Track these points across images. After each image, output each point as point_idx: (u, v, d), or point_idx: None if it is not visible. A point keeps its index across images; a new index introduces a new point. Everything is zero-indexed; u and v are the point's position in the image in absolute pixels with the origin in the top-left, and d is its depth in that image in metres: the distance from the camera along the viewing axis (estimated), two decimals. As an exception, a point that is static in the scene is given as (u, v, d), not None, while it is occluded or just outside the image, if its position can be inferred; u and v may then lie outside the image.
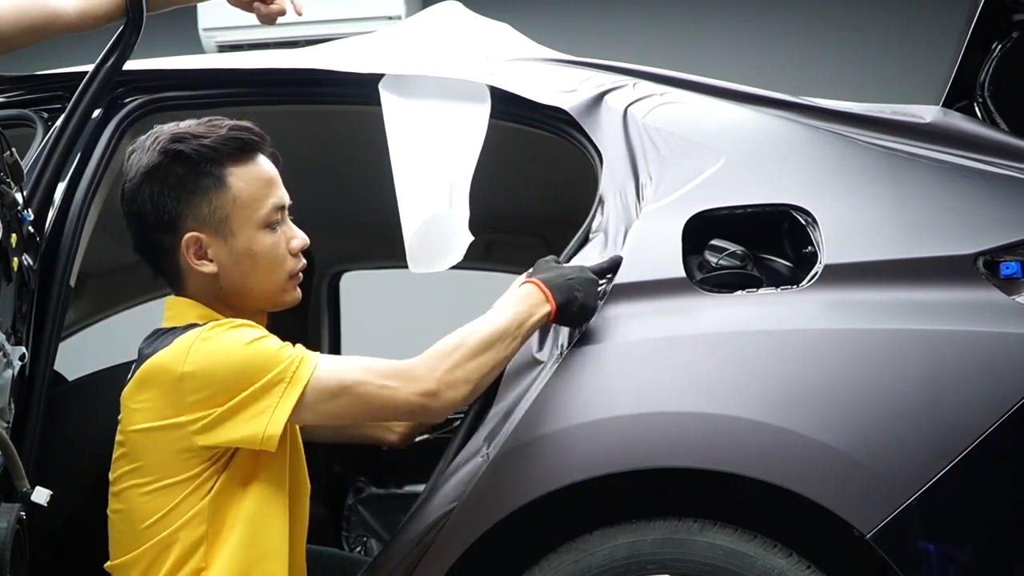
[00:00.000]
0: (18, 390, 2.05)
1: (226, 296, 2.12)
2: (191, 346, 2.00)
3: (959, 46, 2.33)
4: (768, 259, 2.25)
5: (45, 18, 2.23)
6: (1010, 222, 2.15)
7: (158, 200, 2.09)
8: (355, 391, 2.02)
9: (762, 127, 2.34)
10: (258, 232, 2.11)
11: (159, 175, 2.09)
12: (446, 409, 2.04)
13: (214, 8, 2.80)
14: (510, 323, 2.08)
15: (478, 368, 2.04)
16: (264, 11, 2.36)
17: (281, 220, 2.14)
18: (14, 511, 1.87)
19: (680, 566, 2.05)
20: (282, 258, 2.13)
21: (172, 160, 2.09)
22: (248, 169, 2.12)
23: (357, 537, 3.54)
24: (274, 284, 2.14)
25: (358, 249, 3.61)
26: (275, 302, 2.16)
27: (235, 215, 2.10)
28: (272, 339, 2.04)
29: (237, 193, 2.10)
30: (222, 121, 2.13)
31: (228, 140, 2.11)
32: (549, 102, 2.37)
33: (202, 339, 2.01)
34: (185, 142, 2.09)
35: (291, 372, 1.99)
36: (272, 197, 2.13)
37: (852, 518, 2.01)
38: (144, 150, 2.11)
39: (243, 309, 2.13)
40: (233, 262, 2.10)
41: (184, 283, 2.14)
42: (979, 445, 2.00)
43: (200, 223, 2.09)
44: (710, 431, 2.05)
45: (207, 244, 2.10)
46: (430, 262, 2.35)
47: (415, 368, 2.02)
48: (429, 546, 2.09)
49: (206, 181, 2.09)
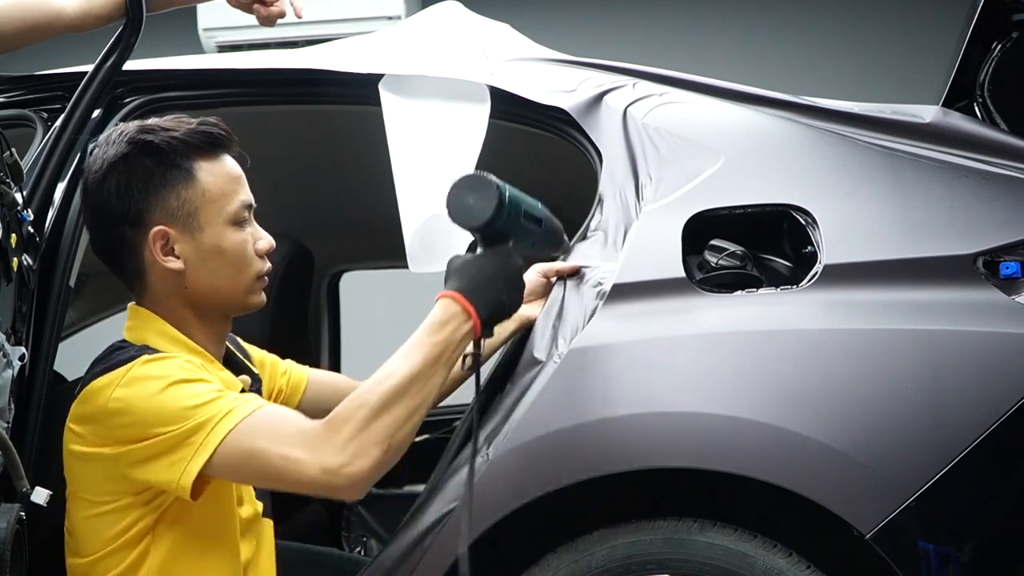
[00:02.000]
0: (18, 390, 2.05)
1: (191, 296, 2.05)
2: (120, 380, 1.93)
3: (959, 46, 2.33)
4: (768, 259, 2.25)
5: (46, 18, 2.23)
6: (1010, 222, 2.15)
7: (124, 192, 2.02)
8: (259, 459, 1.82)
9: (762, 127, 2.34)
10: (226, 229, 2.05)
11: (127, 167, 2.03)
12: (356, 484, 1.77)
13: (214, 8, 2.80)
14: (425, 359, 1.81)
15: (389, 426, 1.78)
16: (264, 13, 2.36)
17: (248, 220, 2.09)
18: (14, 511, 1.87)
19: (680, 566, 2.05)
20: (250, 258, 2.07)
21: (140, 151, 2.03)
22: (216, 164, 2.07)
23: (357, 537, 3.54)
24: (240, 285, 2.07)
25: (358, 249, 3.62)
26: (240, 304, 2.09)
27: (204, 209, 2.04)
28: (203, 385, 1.91)
29: (206, 187, 2.04)
30: (189, 118, 2.09)
31: (197, 134, 2.05)
32: (549, 102, 2.37)
33: (130, 375, 1.93)
34: (154, 133, 2.04)
35: (210, 427, 1.85)
36: (241, 194, 2.08)
37: (852, 518, 2.00)
38: (110, 143, 2.05)
39: (207, 312, 2.08)
40: (200, 260, 2.04)
41: (146, 283, 2.07)
42: (979, 445, 2.00)
43: (168, 217, 2.03)
44: (710, 431, 2.05)
45: (174, 239, 2.03)
46: (430, 262, 2.35)
47: (317, 435, 1.79)
48: (429, 546, 2.09)
49: (175, 174, 2.03)
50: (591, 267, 2.21)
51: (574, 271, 2.21)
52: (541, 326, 2.17)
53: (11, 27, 2.19)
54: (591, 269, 2.20)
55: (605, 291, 2.16)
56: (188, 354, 2.02)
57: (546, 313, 2.18)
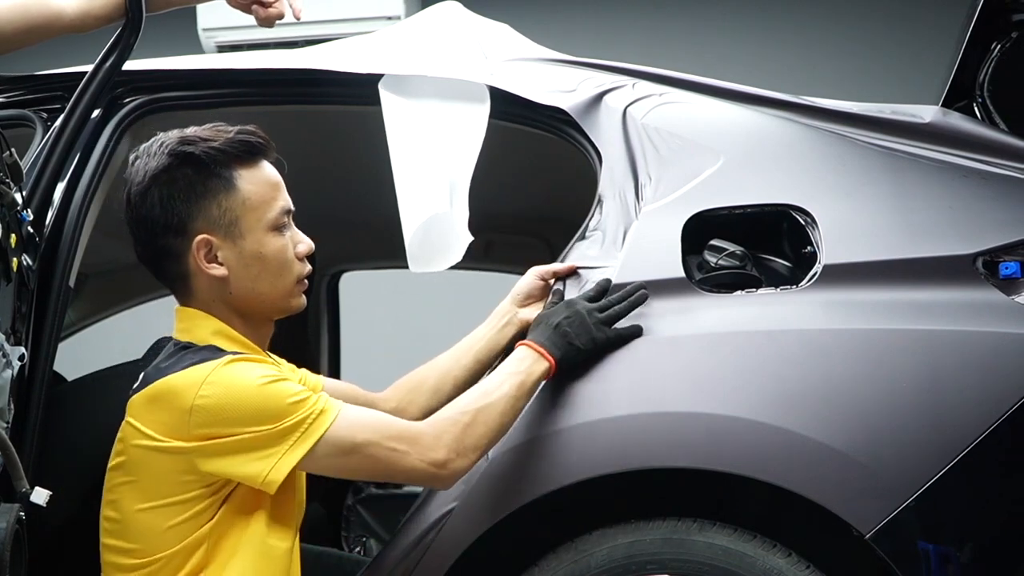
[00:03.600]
0: (17, 390, 2.05)
1: (235, 301, 2.11)
2: (206, 378, 1.98)
3: (959, 46, 2.33)
4: (767, 259, 2.25)
5: (46, 18, 2.23)
6: (1010, 222, 2.15)
7: (167, 203, 2.08)
8: (365, 451, 2.00)
9: (762, 127, 2.34)
10: (267, 235, 2.10)
11: (168, 178, 2.08)
12: (454, 477, 2.03)
13: (214, 8, 2.80)
14: (511, 386, 2.06)
15: (485, 435, 2.04)
16: (263, 14, 2.36)
17: (288, 224, 2.14)
18: (13, 511, 1.87)
19: (679, 566, 2.05)
20: (290, 262, 2.13)
21: (182, 162, 2.08)
22: (255, 172, 2.12)
23: (356, 537, 3.54)
24: (282, 288, 2.13)
25: (358, 249, 3.61)
26: (282, 307, 2.15)
27: (245, 217, 2.09)
28: (289, 383, 2.03)
29: (246, 195, 2.09)
30: (227, 127, 2.13)
31: (236, 143, 2.10)
32: (548, 102, 2.37)
33: (218, 374, 1.99)
34: (194, 144, 2.09)
35: (308, 423, 1.98)
36: (280, 200, 2.13)
37: (851, 518, 2.01)
38: (151, 155, 2.10)
39: (251, 316, 2.13)
40: (243, 265, 2.09)
41: (191, 289, 2.12)
42: (978, 445, 2.00)
43: (210, 225, 2.08)
44: (709, 431, 2.05)
45: (217, 247, 2.08)
46: (430, 262, 2.35)
47: (423, 435, 2.02)
48: (429, 546, 2.09)
49: (216, 183, 2.08)
50: (589, 267, 2.21)
51: (570, 272, 2.23)
52: (541, 326, 2.17)
53: (11, 28, 2.19)
54: (590, 270, 2.21)
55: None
56: (251, 353, 2.08)
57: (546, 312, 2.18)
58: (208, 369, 1.99)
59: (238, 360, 2.02)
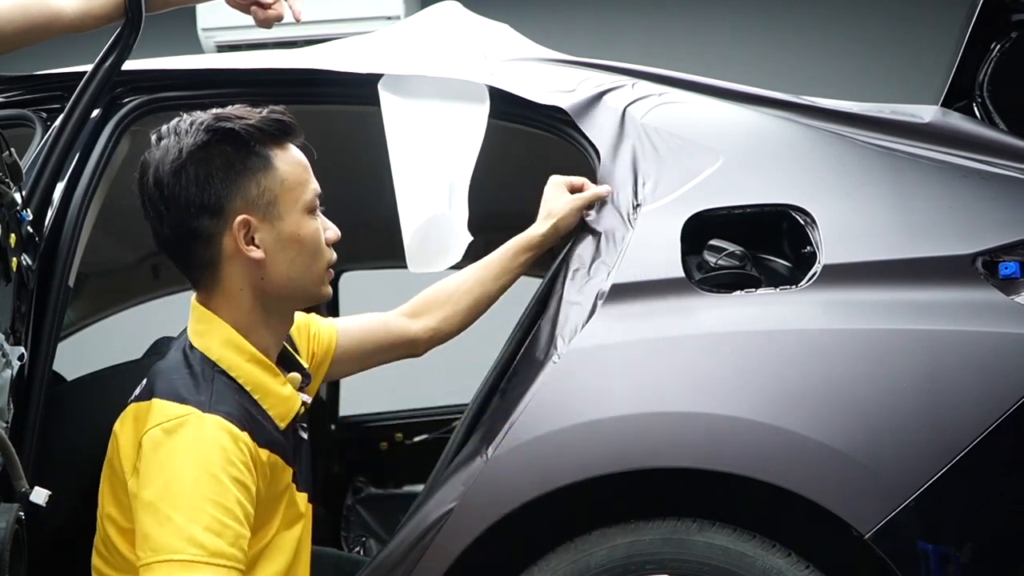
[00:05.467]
0: (17, 390, 2.05)
1: (266, 286, 2.02)
2: (170, 423, 1.91)
3: (958, 46, 2.33)
4: (767, 259, 2.25)
5: (45, 18, 2.23)
6: (1009, 222, 2.15)
7: (204, 181, 1.97)
8: None
9: (761, 127, 2.34)
10: (304, 217, 2.03)
11: (206, 155, 1.98)
12: None
13: (213, 8, 2.80)
14: None
15: None
16: (262, 15, 2.35)
17: (319, 208, 2.08)
18: (13, 511, 1.87)
19: (679, 566, 2.05)
20: (323, 247, 2.06)
21: (221, 139, 1.99)
22: (288, 153, 2.05)
23: (356, 537, 3.54)
24: (315, 274, 2.06)
25: (358, 249, 3.61)
26: (312, 295, 2.07)
27: (283, 198, 2.01)
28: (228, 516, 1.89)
29: (284, 175, 2.02)
30: (253, 108, 2.06)
31: (271, 122, 2.03)
32: (548, 102, 2.37)
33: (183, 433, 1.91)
34: (232, 121, 2.01)
35: (198, 557, 1.86)
36: (312, 182, 2.06)
37: (851, 518, 2.01)
38: (183, 132, 2.00)
39: (278, 305, 2.05)
40: (279, 248, 2.01)
41: (218, 277, 2.02)
42: (978, 445, 2.00)
43: (249, 205, 1.99)
44: (709, 431, 2.05)
45: (255, 228, 2.00)
46: (430, 262, 2.35)
47: None
48: (428, 546, 2.09)
49: (255, 161, 2.00)
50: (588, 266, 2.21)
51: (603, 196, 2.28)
52: (540, 326, 2.17)
53: (11, 27, 2.19)
54: (589, 269, 2.21)
55: (604, 291, 2.16)
56: (249, 364, 2.01)
57: (545, 313, 2.18)
58: (181, 414, 1.92)
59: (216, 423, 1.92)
